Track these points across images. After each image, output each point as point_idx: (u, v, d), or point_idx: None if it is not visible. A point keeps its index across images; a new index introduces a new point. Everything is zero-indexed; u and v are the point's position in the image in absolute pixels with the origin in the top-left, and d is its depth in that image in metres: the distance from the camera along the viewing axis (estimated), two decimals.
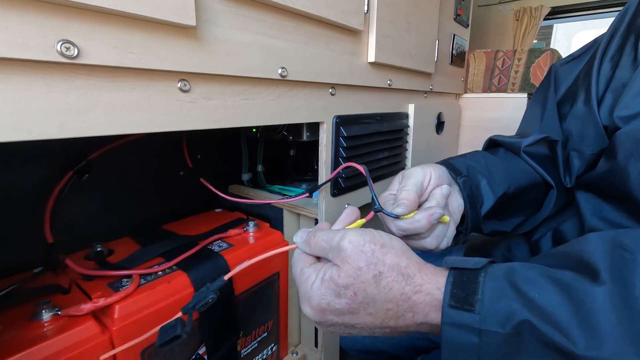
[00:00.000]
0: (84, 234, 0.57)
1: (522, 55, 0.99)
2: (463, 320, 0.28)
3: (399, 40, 0.67)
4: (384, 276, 0.30)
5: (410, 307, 0.30)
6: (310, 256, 0.36)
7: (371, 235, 0.32)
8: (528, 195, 0.56)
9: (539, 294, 0.27)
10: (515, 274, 0.29)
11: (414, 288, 0.30)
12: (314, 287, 0.32)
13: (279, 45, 0.44)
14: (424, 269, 0.32)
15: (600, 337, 0.24)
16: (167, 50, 0.33)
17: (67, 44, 0.26)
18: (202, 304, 0.37)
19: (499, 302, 0.28)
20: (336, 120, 0.58)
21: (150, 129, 0.34)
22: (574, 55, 0.60)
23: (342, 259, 0.31)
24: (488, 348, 0.27)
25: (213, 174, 0.77)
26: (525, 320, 0.26)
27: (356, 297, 0.30)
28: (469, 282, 0.30)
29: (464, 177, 0.51)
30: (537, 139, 0.56)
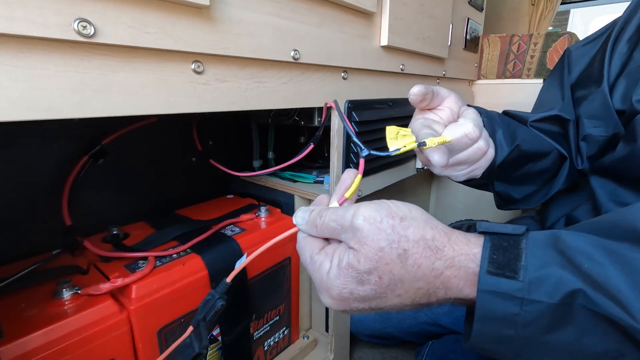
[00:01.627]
0: (100, 218, 0.58)
1: (538, 39, 0.96)
2: (503, 287, 0.25)
3: (412, 22, 0.65)
4: (410, 253, 0.27)
5: (442, 284, 0.28)
6: (317, 239, 0.32)
7: (387, 209, 0.29)
8: (541, 163, 0.55)
9: (590, 264, 0.24)
10: (561, 242, 0.26)
11: (446, 262, 0.27)
12: (331, 276, 0.29)
13: (291, 27, 0.44)
14: (453, 238, 0.29)
15: None
16: (181, 31, 0.33)
17: (84, 22, 0.27)
18: (212, 313, 0.35)
19: (545, 269, 0.25)
20: (348, 105, 0.58)
21: (165, 110, 0.34)
22: (589, 38, 0.59)
23: (358, 240, 0.28)
24: (529, 318, 0.25)
25: (224, 160, 0.78)
26: (578, 289, 0.24)
27: (381, 281, 0.27)
28: (510, 248, 0.27)
29: (485, 117, 0.48)
30: (545, 116, 0.56)
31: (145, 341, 0.43)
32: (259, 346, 0.62)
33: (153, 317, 0.44)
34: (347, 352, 0.75)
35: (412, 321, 0.70)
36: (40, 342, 0.35)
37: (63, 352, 0.36)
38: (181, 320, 0.47)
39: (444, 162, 0.37)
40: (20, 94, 0.25)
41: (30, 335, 0.35)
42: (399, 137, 0.35)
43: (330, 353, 0.70)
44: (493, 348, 0.28)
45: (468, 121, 0.41)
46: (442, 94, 0.44)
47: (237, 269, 0.34)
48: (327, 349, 0.71)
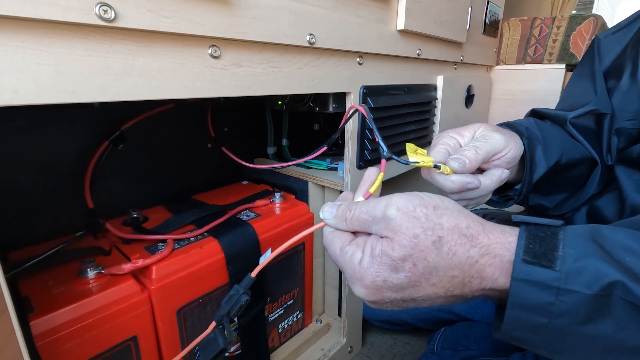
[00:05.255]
0: (121, 202, 0.60)
1: (561, 22, 0.93)
2: (539, 277, 0.25)
3: (429, 5, 0.64)
4: (445, 240, 0.27)
5: (477, 272, 0.27)
6: (345, 232, 0.32)
7: (419, 199, 0.29)
8: (575, 171, 0.53)
9: (631, 257, 0.24)
10: (601, 235, 0.26)
11: (481, 250, 0.27)
12: (364, 264, 0.28)
13: (307, 11, 0.44)
14: (488, 228, 0.28)
15: None
16: (198, 15, 0.33)
17: (105, 6, 0.27)
18: (237, 308, 0.34)
19: (584, 261, 0.25)
20: (363, 91, 0.57)
21: (184, 94, 0.35)
22: (620, 25, 0.56)
23: (392, 229, 0.27)
24: (564, 308, 0.24)
25: (239, 147, 0.79)
26: (618, 281, 0.23)
27: (416, 269, 0.27)
28: (548, 238, 0.26)
29: (527, 138, 0.47)
30: (585, 111, 0.53)
31: (165, 320, 0.45)
32: (274, 328, 0.64)
33: (172, 297, 0.45)
34: (360, 336, 0.77)
35: (425, 308, 0.70)
36: (68, 317, 0.37)
37: (89, 328, 0.38)
38: (199, 302, 0.49)
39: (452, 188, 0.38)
40: (47, 77, 0.26)
41: (58, 311, 0.36)
42: (417, 154, 0.38)
43: (343, 337, 0.71)
44: (524, 337, 0.27)
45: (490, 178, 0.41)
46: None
47: (262, 264, 0.34)
48: (340, 333, 0.73)
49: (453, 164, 0.38)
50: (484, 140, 0.40)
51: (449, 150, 0.40)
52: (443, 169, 0.37)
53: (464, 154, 0.38)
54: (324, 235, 0.33)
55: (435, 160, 0.39)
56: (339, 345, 0.70)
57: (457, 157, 0.38)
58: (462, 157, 0.38)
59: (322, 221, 0.33)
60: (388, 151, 0.37)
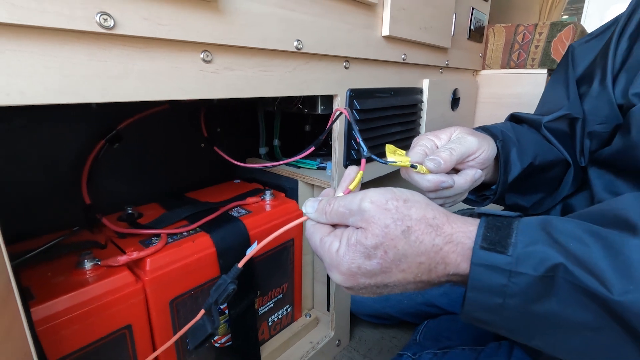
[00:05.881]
0: (116, 199, 0.62)
1: (543, 29, 0.97)
2: (494, 261, 0.27)
3: (414, 12, 0.67)
4: (413, 230, 0.29)
5: (442, 258, 0.29)
6: (325, 225, 0.34)
7: (392, 193, 0.31)
8: (550, 172, 0.56)
9: (575, 244, 0.27)
10: (550, 225, 0.29)
11: (445, 238, 0.29)
12: (340, 253, 0.31)
13: (295, 18, 0.46)
14: (452, 218, 0.31)
15: (636, 283, 0.24)
16: (192, 22, 0.36)
17: (105, 15, 0.29)
18: (224, 297, 0.36)
19: (533, 246, 0.27)
20: (350, 94, 0.60)
21: (178, 96, 0.37)
22: (593, 35, 0.59)
23: (366, 220, 0.30)
24: (515, 289, 0.27)
25: (232, 147, 0.81)
26: (560, 263, 0.26)
27: (387, 256, 0.29)
28: (503, 227, 0.29)
29: (501, 141, 0.50)
30: (559, 115, 0.56)
31: (158, 310, 0.47)
32: (264, 321, 0.66)
33: (166, 288, 0.48)
34: (348, 330, 0.79)
35: (409, 302, 0.73)
36: (66, 305, 0.39)
37: (86, 316, 0.40)
38: (191, 293, 0.51)
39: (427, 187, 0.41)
40: (53, 80, 0.28)
41: (57, 299, 0.39)
42: (396, 154, 0.41)
43: (331, 331, 0.74)
44: (484, 317, 0.30)
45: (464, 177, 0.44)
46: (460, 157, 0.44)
47: (249, 255, 0.36)
48: (329, 327, 0.75)
49: (429, 164, 0.40)
50: (458, 143, 0.43)
51: (426, 152, 0.43)
52: (419, 169, 0.40)
53: (439, 155, 0.41)
54: (306, 228, 0.36)
55: (413, 160, 0.41)
56: (327, 338, 0.73)
57: (433, 158, 0.41)
58: (437, 158, 0.41)
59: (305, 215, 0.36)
60: (368, 151, 0.40)
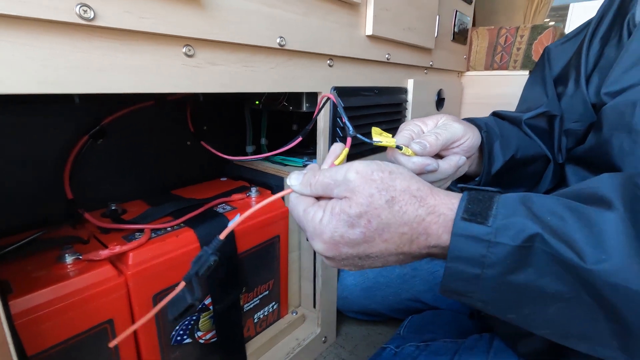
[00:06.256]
0: (101, 195, 0.62)
1: (524, 32, 0.99)
2: (474, 231, 0.28)
3: (398, 13, 0.68)
4: (397, 200, 0.30)
5: (424, 229, 0.30)
6: (309, 197, 0.34)
7: (377, 165, 0.32)
8: (531, 167, 0.58)
9: (552, 217, 0.28)
10: (530, 200, 0.30)
11: (428, 209, 0.30)
12: (324, 221, 0.31)
13: (278, 14, 0.47)
14: (435, 191, 0.32)
15: (609, 253, 0.25)
16: (174, 16, 0.36)
17: (85, 7, 0.30)
18: (204, 268, 0.36)
19: (512, 218, 0.28)
20: (334, 91, 0.61)
21: (161, 89, 0.37)
22: (568, 37, 0.62)
23: (351, 190, 0.30)
24: (494, 259, 0.28)
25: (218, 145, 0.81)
26: (537, 234, 0.27)
27: (370, 225, 0.30)
28: (484, 200, 0.30)
29: (485, 132, 0.51)
30: (538, 113, 0.58)
31: (141, 304, 0.47)
32: (249, 318, 0.66)
33: (148, 282, 0.48)
34: (334, 327, 0.80)
35: (395, 298, 0.74)
36: (45, 299, 0.39)
37: (66, 310, 0.40)
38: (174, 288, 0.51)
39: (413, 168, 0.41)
40: (36, 70, 0.28)
41: (36, 292, 0.38)
42: (382, 136, 0.41)
43: (318, 327, 0.74)
44: (461, 287, 0.30)
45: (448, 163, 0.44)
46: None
47: (230, 227, 0.36)
48: (315, 324, 0.76)
49: (415, 146, 0.41)
50: (444, 129, 0.44)
51: (412, 136, 0.44)
52: (405, 150, 0.41)
53: (425, 139, 0.42)
54: (290, 200, 0.36)
55: (399, 142, 0.42)
56: (313, 335, 0.73)
57: (419, 141, 0.42)
58: (423, 141, 0.42)
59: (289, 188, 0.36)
60: (354, 130, 0.40)
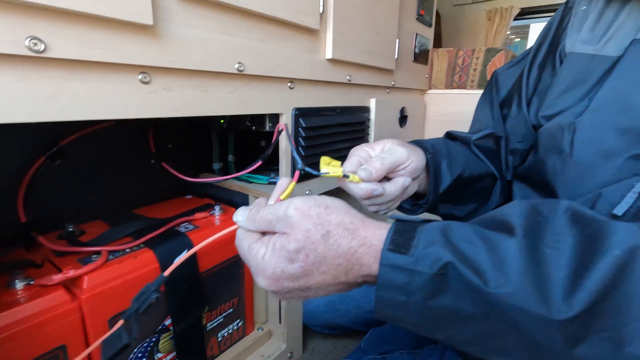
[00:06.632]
0: (58, 216, 0.60)
1: (479, 54, 1.06)
2: (398, 261, 0.31)
3: (357, 38, 0.72)
4: (332, 234, 0.32)
5: (357, 260, 0.32)
6: (254, 233, 0.36)
7: (314, 200, 0.34)
8: (480, 184, 0.62)
9: (465, 245, 0.30)
10: (449, 228, 0.32)
11: (360, 241, 0.32)
12: (266, 258, 0.33)
13: (235, 42, 0.49)
14: (367, 223, 0.34)
15: (508, 277, 0.28)
16: (127, 46, 0.37)
17: (35, 40, 0.31)
18: (145, 305, 0.36)
19: (430, 247, 0.31)
20: (295, 112, 0.63)
21: (114, 115, 0.38)
22: (513, 62, 0.67)
23: (290, 225, 0.32)
24: (416, 286, 0.30)
25: (184, 162, 0.81)
26: (450, 262, 0.29)
27: (308, 259, 0.32)
28: (408, 231, 0.32)
29: (431, 154, 0.54)
30: (484, 134, 0.63)
31: (96, 328, 0.47)
32: (213, 337, 0.66)
33: (104, 306, 0.47)
34: (300, 342, 0.80)
35: (358, 311, 0.76)
36: None
37: (15, 337, 0.39)
38: None
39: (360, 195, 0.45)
40: None
41: None
42: (330, 166, 0.44)
43: (283, 343, 0.75)
44: (391, 313, 0.33)
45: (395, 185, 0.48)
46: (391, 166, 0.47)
47: (176, 263, 0.37)
48: (281, 340, 0.76)
49: (361, 173, 0.44)
50: (389, 153, 0.47)
51: (360, 161, 0.46)
52: (352, 178, 0.43)
53: (371, 165, 0.45)
54: (236, 236, 0.37)
55: (349, 170, 0.45)
56: (279, 351, 0.74)
57: (365, 168, 0.44)
58: (369, 168, 0.44)
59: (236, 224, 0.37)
60: (302, 164, 0.43)
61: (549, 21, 0.62)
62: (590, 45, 0.52)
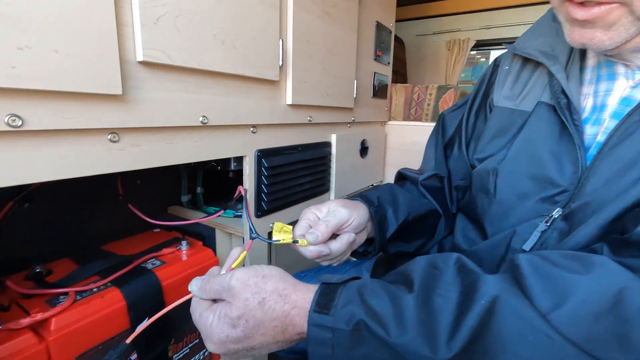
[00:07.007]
0: (26, 256, 0.62)
1: (432, 90, 1.17)
2: (321, 321, 0.36)
3: (315, 83, 0.79)
4: (267, 300, 0.37)
5: (290, 321, 0.37)
6: (207, 300, 0.42)
7: (254, 270, 0.40)
8: (426, 222, 0.69)
9: (375, 301, 0.36)
10: (364, 287, 0.38)
11: (291, 305, 0.38)
12: (213, 325, 0.38)
13: (199, 99, 0.54)
14: (298, 288, 0.40)
15: (406, 328, 0.34)
16: (98, 113, 0.42)
17: (14, 117, 0.35)
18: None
19: (347, 307, 0.37)
20: (258, 154, 0.69)
21: (85, 173, 0.42)
22: (457, 105, 0.75)
23: (232, 295, 0.38)
24: (337, 341, 0.36)
25: (153, 195, 0.85)
26: (361, 319, 0.35)
27: (248, 324, 0.37)
28: (331, 293, 0.38)
29: (376, 207, 0.61)
30: (429, 175, 0.70)
31: None
32: None
33: (71, 345, 0.50)
34: None
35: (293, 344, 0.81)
36: None
37: None
38: (99, 348, 0.53)
39: (310, 256, 0.51)
40: None
41: None
42: (282, 232, 0.51)
43: None
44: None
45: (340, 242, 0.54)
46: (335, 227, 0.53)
47: (137, 331, 0.42)
48: None
49: (309, 237, 0.50)
50: (333, 216, 0.53)
51: (309, 224, 0.53)
52: (301, 242, 0.50)
53: (317, 229, 0.51)
54: (191, 304, 0.43)
55: (299, 234, 0.51)
56: None
57: (312, 232, 0.51)
58: (316, 232, 0.51)
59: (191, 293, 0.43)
60: (255, 233, 0.49)
61: (482, 73, 0.71)
62: (511, 100, 0.61)
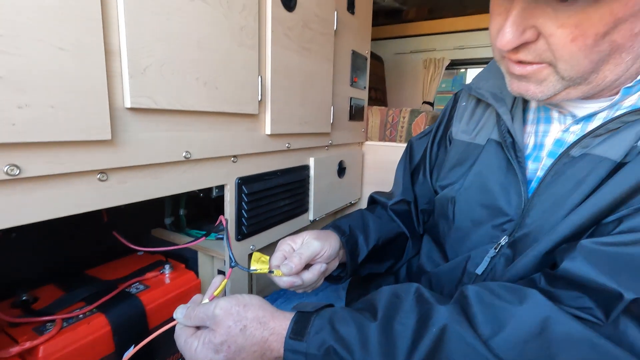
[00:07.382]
0: (11, 284, 0.64)
1: (405, 114, 1.24)
2: (296, 347, 0.40)
3: (293, 113, 0.84)
4: (248, 327, 0.41)
5: (269, 347, 0.42)
6: (191, 327, 0.45)
7: (236, 299, 0.44)
8: (395, 244, 0.74)
9: (343, 329, 0.41)
10: (335, 315, 0.43)
11: (270, 331, 0.42)
12: (197, 350, 0.41)
13: (183, 135, 0.59)
14: (276, 315, 0.44)
15: (369, 353, 0.39)
16: (88, 157, 0.46)
17: (12, 166, 0.38)
18: None
19: (319, 334, 0.41)
20: (238, 181, 0.73)
21: (74, 211, 0.46)
22: (424, 132, 0.81)
23: (216, 323, 0.42)
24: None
25: (137, 218, 0.87)
26: (331, 345, 0.40)
27: (230, 349, 0.41)
28: (305, 321, 0.43)
29: (347, 236, 0.65)
30: (397, 200, 0.76)
31: None
32: None
33: None
34: None
35: None
36: None
37: None
38: None
39: (284, 286, 0.55)
40: None
41: None
42: (260, 262, 0.55)
43: None
44: None
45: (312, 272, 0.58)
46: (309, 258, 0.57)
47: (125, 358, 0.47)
48: None
49: (283, 269, 0.54)
50: (306, 248, 0.57)
51: (285, 255, 0.57)
52: (276, 273, 0.54)
53: (292, 261, 0.55)
54: (175, 331, 0.47)
55: (275, 264, 0.55)
56: None
57: (286, 264, 0.55)
58: (290, 264, 0.55)
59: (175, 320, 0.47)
60: (235, 262, 0.54)
61: (445, 106, 0.77)
62: (467, 134, 0.68)
